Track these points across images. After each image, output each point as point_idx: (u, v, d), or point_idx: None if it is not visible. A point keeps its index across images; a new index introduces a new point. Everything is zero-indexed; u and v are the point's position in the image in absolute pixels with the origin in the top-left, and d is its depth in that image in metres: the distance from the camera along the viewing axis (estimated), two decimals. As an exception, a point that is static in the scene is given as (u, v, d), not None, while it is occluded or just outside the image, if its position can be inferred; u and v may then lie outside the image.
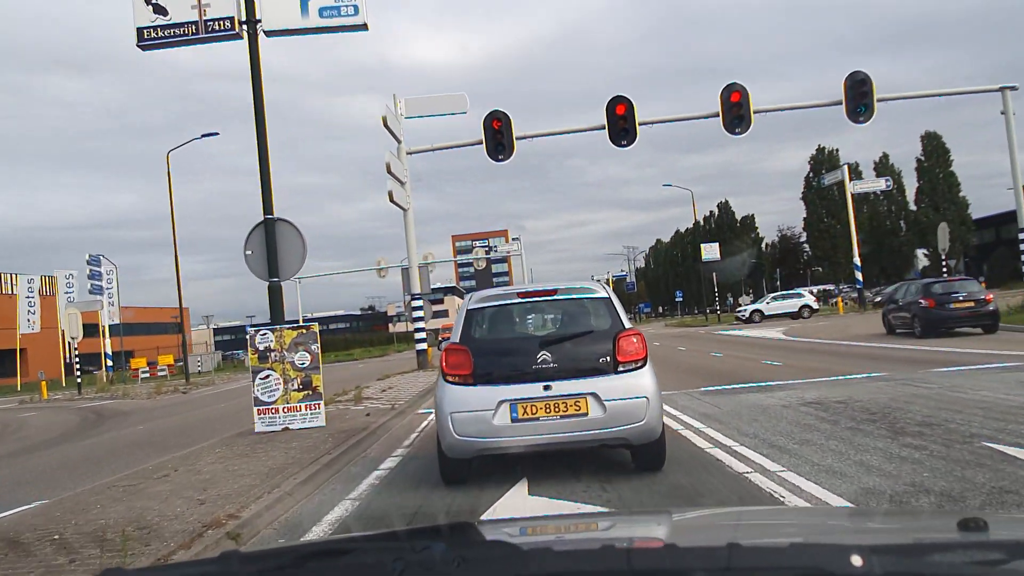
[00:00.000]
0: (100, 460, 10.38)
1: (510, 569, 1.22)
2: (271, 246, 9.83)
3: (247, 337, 10.18)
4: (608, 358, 5.62)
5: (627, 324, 5.84)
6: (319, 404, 9.81)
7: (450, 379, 5.73)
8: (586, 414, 5.46)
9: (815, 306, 39.19)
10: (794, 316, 37.45)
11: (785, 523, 2.04)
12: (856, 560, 1.08)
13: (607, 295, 6.09)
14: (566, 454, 6.00)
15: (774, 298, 41.89)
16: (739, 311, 42.83)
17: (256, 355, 9.82)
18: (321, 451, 7.63)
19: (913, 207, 60.39)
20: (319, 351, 9.87)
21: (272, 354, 9.77)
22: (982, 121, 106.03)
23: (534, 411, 5.48)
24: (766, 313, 38.76)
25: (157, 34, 9.73)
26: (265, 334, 9.81)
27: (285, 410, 9.71)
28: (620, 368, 5.61)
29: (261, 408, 9.74)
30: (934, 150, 58.52)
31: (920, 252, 61.26)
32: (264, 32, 9.96)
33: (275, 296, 9.88)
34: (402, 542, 1.46)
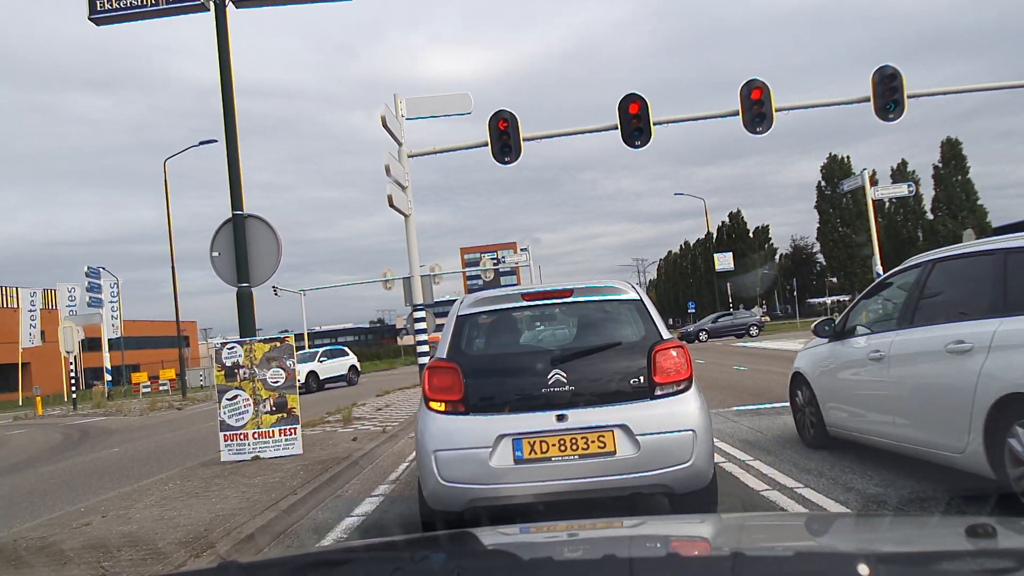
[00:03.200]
0: (48, 492, 9.08)
1: None
2: (240, 247, 8.56)
3: (214, 352, 8.90)
4: (641, 379, 4.27)
5: (665, 334, 4.49)
6: (295, 429, 8.49)
7: (435, 406, 4.39)
8: (613, 453, 4.12)
9: None
10: None
11: (789, 531, 1.87)
12: (863, 569, 1.04)
13: (638, 296, 4.73)
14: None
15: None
16: None
17: (222, 372, 8.52)
18: (286, 489, 6.30)
19: (930, 216, 58.82)
20: (295, 367, 8.57)
21: (241, 371, 8.47)
22: (996, 132, 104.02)
23: (544, 449, 4.14)
24: None
25: (111, 5, 8.53)
26: (233, 348, 8.51)
27: (255, 436, 8.40)
28: (658, 392, 4.26)
29: (228, 433, 8.43)
30: (952, 157, 57.10)
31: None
32: (233, 3, 8.74)
33: (245, 304, 8.60)
34: (401, 552, 1.47)
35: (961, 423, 4.47)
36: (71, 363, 34.60)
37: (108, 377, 42.19)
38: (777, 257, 74.17)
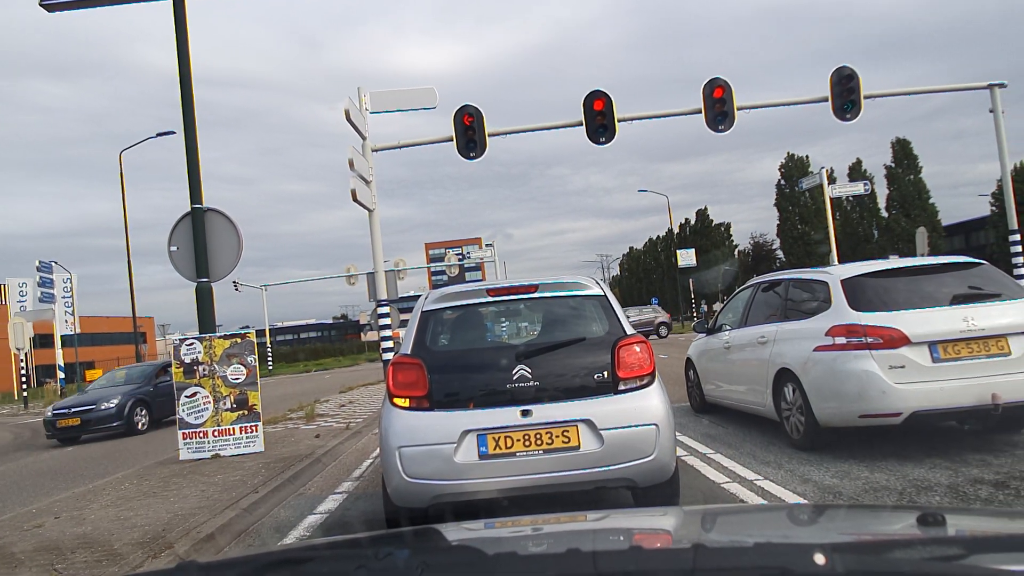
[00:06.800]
0: (-4, 494, 8.80)
1: (474, 574, 1.20)
2: (200, 241, 8.38)
3: (172, 348, 8.71)
4: (605, 373, 4.31)
5: (628, 329, 4.53)
6: (256, 426, 8.36)
7: (399, 402, 4.37)
8: (577, 447, 4.15)
9: None
10: None
11: (749, 522, 1.91)
12: (819, 558, 1.06)
13: (602, 292, 4.77)
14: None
15: None
16: None
17: (181, 369, 8.35)
18: (247, 488, 6.21)
19: (884, 214, 60.37)
20: (256, 364, 8.43)
21: (200, 368, 8.31)
22: (953, 132, 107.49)
23: (509, 444, 4.15)
24: None
25: (64, -9, 8.26)
26: (192, 344, 8.35)
27: (215, 434, 8.26)
28: (621, 387, 4.30)
29: (187, 431, 8.27)
30: (904, 157, 58.66)
31: (892, 258, 61.09)
32: (192, -10, 8.53)
33: (204, 300, 8.43)
34: (364, 549, 1.46)
35: (763, 387, 6.88)
36: (22, 360, 33.56)
37: (61, 375, 40.94)
38: (737, 253, 75.42)
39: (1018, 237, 18.64)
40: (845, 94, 20.20)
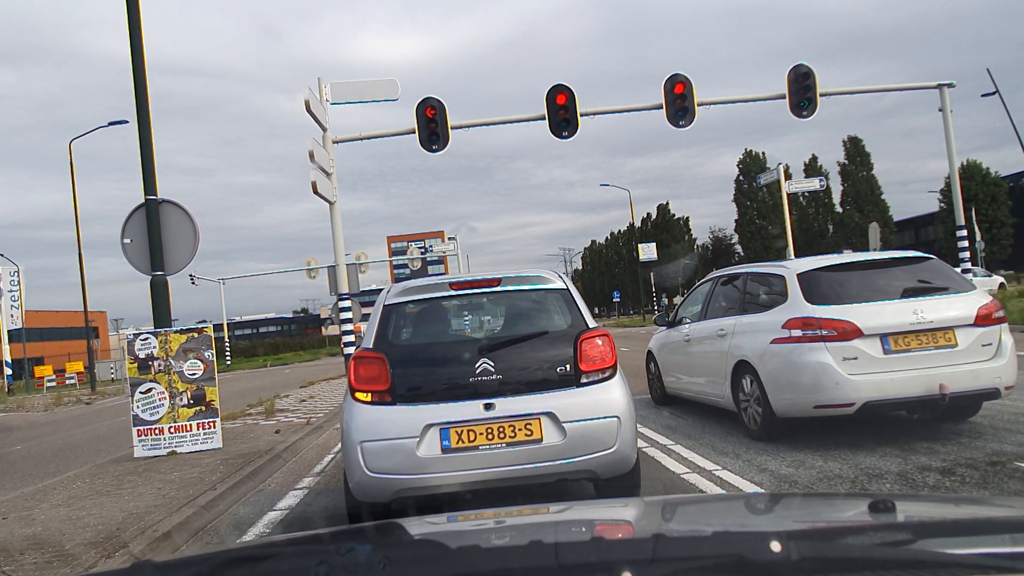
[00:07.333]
0: (-60, 495, 8.47)
1: (437, 569, 1.18)
2: (154, 233, 8.17)
3: (126, 343, 8.48)
4: (568, 367, 4.34)
5: (591, 323, 4.57)
6: (215, 422, 8.20)
7: (361, 397, 4.33)
8: (540, 440, 4.17)
9: None
10: None
11: (708, 511, 1.97)
12: (775, 546, 1.08)
13: (565, 286, 4.79)
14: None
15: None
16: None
17: (135, 364, 8.14)
18: (205, 485, 6.09)
19: (839, 209, 61.87)
20: (214, 359, 8.27)
21: (155, 363, 8.11)
22: (904, 131, 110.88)
23: (472, 438, 4.15)
24: None
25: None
26: (147, 339, 8.14)
27: (171, 430, 8.07)
28: (583, 380, 4.33)
29: (142, 428, 8.07)
30: (856, 154, 60.21)
31: (846, 252, 62.67)
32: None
33: (159, 293, 8.22)
34: (326, 544, 1.45)
35: (722, 379, 7.00)
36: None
37: (8, 371, 39.62)
38: (696, 247, 76.53)
39: (964, 233, 19.26)
40: (802, 92, 20.61)
